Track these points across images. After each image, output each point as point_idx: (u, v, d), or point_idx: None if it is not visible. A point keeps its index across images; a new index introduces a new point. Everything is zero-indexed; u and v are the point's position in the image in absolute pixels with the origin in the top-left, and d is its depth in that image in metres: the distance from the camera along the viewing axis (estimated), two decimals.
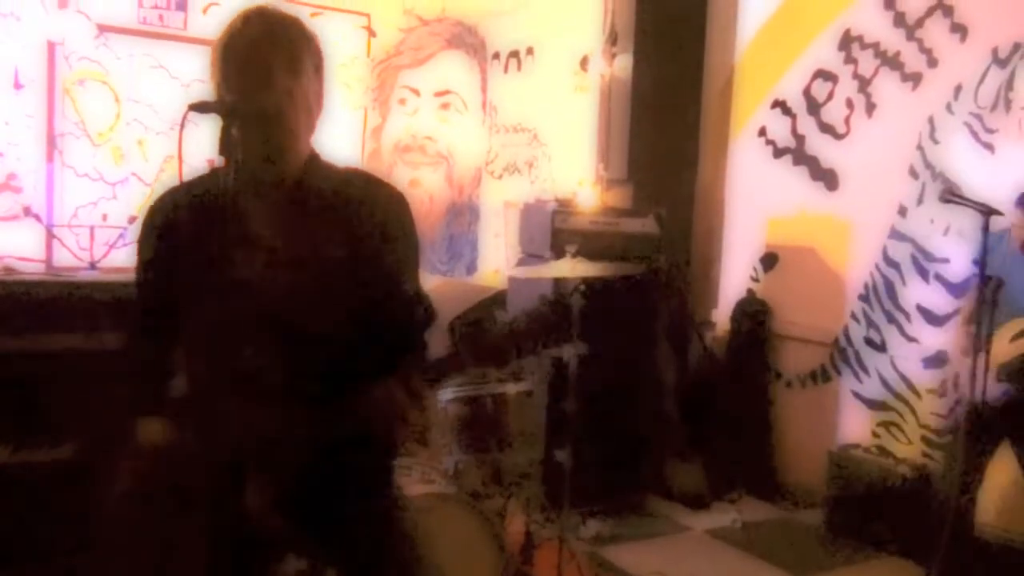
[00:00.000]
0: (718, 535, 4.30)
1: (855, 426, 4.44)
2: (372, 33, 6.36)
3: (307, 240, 1.64)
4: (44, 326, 3.14)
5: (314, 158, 1.73)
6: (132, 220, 5.37)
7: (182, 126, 1.46)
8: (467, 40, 6.70)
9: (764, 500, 4.67)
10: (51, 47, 5.22)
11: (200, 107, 1.49)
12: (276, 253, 1.64)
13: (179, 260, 1.66)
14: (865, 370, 4.41)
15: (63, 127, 5.28)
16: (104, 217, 5.38)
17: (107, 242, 5.33)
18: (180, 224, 1.68)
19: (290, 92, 1.64)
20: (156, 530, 1.56)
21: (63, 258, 5.03)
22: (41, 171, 5.24)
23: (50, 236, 5.10)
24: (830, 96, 4.60)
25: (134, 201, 5.46)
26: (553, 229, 4.37)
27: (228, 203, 1.56)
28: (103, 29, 5.35)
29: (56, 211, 5.27)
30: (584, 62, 5.60)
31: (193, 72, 5.64)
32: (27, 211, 5.08)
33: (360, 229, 1.68)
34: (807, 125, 4.73)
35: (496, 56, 6.64)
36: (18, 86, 5.15)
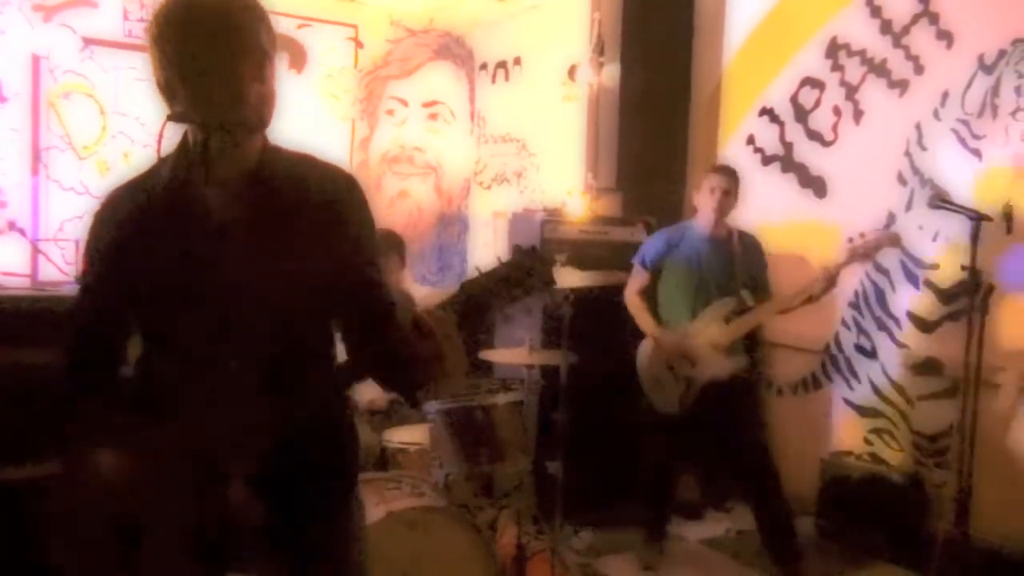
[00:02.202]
0: (711, 544, 4.28)
1: (847, 433, 4.43)
2: (359, 44, 6.36)
3: (267, 230, 1.60)
4: (29, 341, 3.10)
5: (268, 147, 1.66)
6: None
7: (160, 136, 1.43)
8: (455, 50, 6.71)
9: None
10: (36, 60, 5.20)
11: (178, 117, 1.47)
12: (237, 245, 1.58)
13: (134, 260, 1.62)
14: (856, 377, 4.40)
15: (48, 141, 5.26)
16: None
17: None
18: (134, 222, 1.63)
19: (260, 96, 1.56)
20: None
21: (49, 272, 4.99)
22: (26, 185, 5.21)
23: (35, 251, 5.07)
24: (817, 103, 4.61)
25: None
26: (542, 239, 4.36)
27: (183, 196, 1.56)
28: (88, 42, 5.33)
29: (41, 225, 5.23)
30: (572, 72, 5.60)
31: None
32: (12, 225, 5.03)
33: (317, 215, 1.63)
34: (795, 133, 4.73)
35: (484, 66, 6.64)
36: (2, 99, 5.12)
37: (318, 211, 1.63)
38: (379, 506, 2.78)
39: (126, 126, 5.47)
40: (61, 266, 4.98)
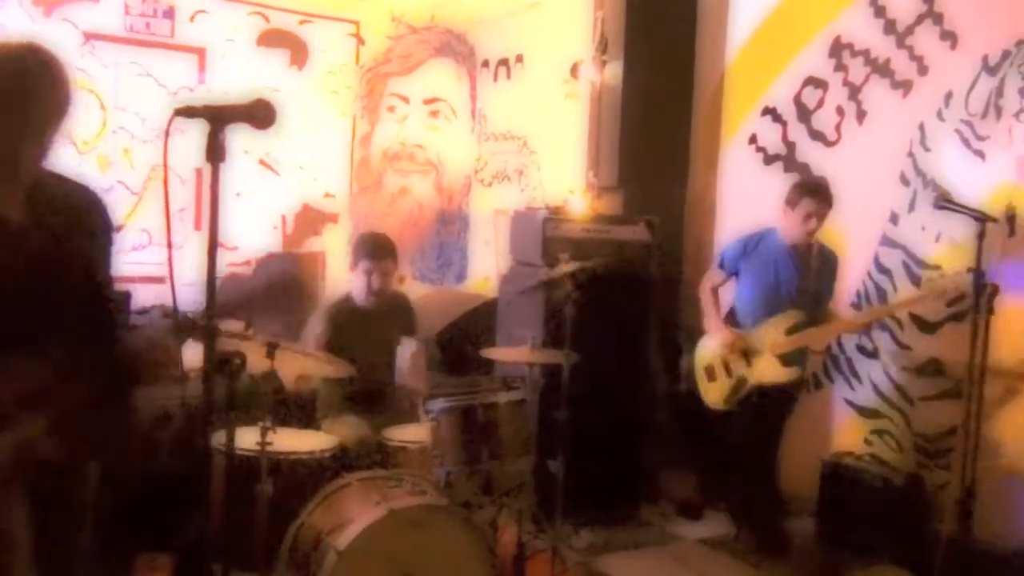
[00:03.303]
0: (711, 544, 4.27)
1: (848, 434, 4.42)
2: (361, 41, 6.34)
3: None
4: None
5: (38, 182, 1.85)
6: (118, 229, 5.32)
7: (167, 131, 1.42)
8: (456, 48, 6.69)
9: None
10: None
11: (186, 112, 1.46)
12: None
13: None
14: (858, 377, 4.39)
15: None
16: None
17: None
18: None
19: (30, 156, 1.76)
20: None
21: None
22: None
23: None
24: (820, 103, 4.60)
25: (120, 210, 5.41)
26: (544, 237, 4.34)
27: None
28: (89, 37, 5.32)
29: None
30: (574, 70, 5.59)
31: (180, 80, 5.61)
32: None
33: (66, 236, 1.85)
34: (797, 132, 4.72)
35: (485, 64, 6.63)
36: None
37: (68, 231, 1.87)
38: (380, 504, 2.77)
39: (126, 121, 5.45)
40: None
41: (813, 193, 3.86)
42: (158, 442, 3.72)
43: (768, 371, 3.88)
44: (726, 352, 3.95)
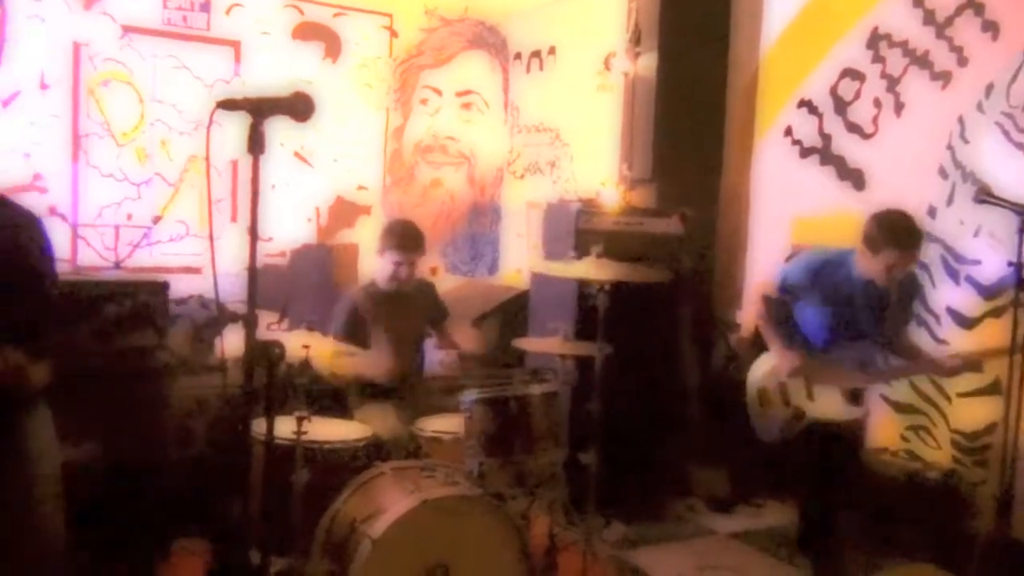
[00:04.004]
0: (742, 538, 4.25)
1: (884, 430, 4.38)
2: (394, 33, 6.37)
3: None
4: (69, 323, 3.15)
5: None
6: (156, 220, 5.41)
7: (210, 123, 1.44)
8: (489, 40, 6.69)
9: (789, 504, 4.61)
10: (76, 48, 5.27)
11: (228, 104, 1.48)
12: None
13: None
14: None
15: (88, 127, 5.33)
16: (128, 217, 5.42)
17: (131, 242, 5.38)
18: None
19: None
20: None
21: (88, 257, 5.07)
22: (66, 171, 5.28)
23: (75, 236, 5.14)
24: (857, 95, 4.54)
25: (158, 201, 5.49)
26: (577, 229, 4.34)
27: None
28: (127, 30, 5.39)
29: (81, 211, 5.31)
30: (607, 61, 5.57)
31: (216, 72, 5.67)
32: (52, 211, 5.12)
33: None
34: (834, 125, 4.67)
35: (518, 56, 6.62)
36: (44, 87, 5.19)
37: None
38: (414, 494, 2.80)
39: (164, 113, 5.53)
40: (100, 251, 5.05)
41: (899, 243, 3.28)
42: (194, 430, 3.78)
43: (832, 406, 3.45)
44: (787, 379, 3.53)
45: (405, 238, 3.82)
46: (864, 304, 3.45)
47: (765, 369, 3.64)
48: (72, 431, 2.95)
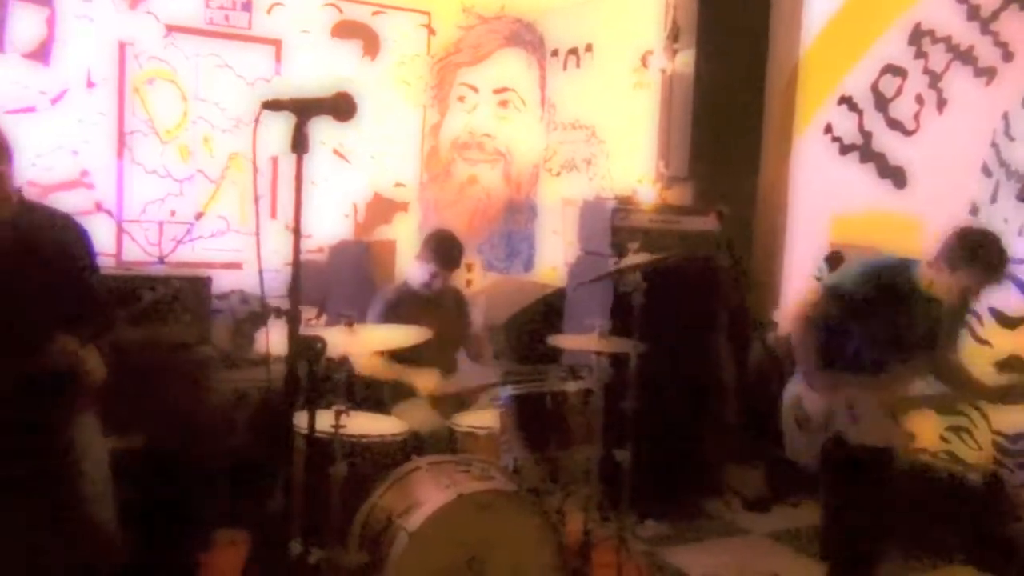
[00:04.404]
0: (779, 538, 4.23)
1: (924, 431, 4.32)
2: (432, 31, 6.40)
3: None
4: (116, 318, 3.22)
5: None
6: (199, 216, 5.51)
7: (256, 124, 1.48)
8: (526, 37, 6.71)
9: None
10: (122, 47, 5.37)
11: (273, 105, 1.51)
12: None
13: None
14: None
15: (133, 125, 5.44)
16: (172, 213, 5.52)
17: (174, 237, 5.49)
18: None
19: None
20: None
21: (133, 252, 5.18)
22: (112, 168, 5.40)
23: (120, 231, 5.25)
24: (899, 92, 4.49)
25: (200, 198, 5.58)
26: (613, 227, 4.35)
27: None
28: (171, 29, 5.48)
29: (126, 207, 5.42)
30: (645, 59, 5.55)
31: (257, 71, 5.75)
32: (98, 207, 5.23)
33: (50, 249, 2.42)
34: (874, 121, 4.62)
35: (555, 53, 6.63)
36: (90, 85, 5.31)
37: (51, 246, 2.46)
38: (450, 488, 2.83)
39: (206, 111, 5.62)
40: (144, 246, 5.15)
41: (986, 265, 2.98)
42: (236, 422, 3.85)
43: (877, 432, 3.12)
44: (832, 402, 3.17)
45: (445, 254, 3.86)
46: (922, 321, 3.14)
47: (802, 389, 3.28)
48: (118, 422, 3.03)
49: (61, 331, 2.36)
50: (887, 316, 3.13)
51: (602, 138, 6.11)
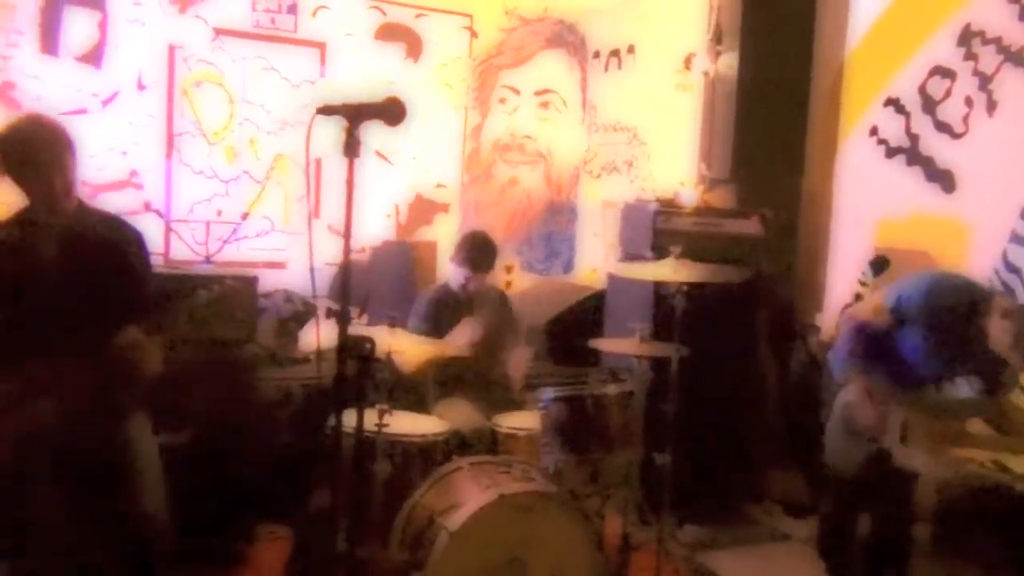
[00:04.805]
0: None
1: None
2: (474, 34, 6.44)
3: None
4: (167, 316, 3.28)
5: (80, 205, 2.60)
6: (245, 216, 5.60)
7: (310, 127, 1.51)
8: (567, 39, 6.71)
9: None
10: (171, 50, 5.48)
11: (326, 110, 1.55)
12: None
13: None
14: None
15: (181, 127, 5.54)
16: (218, 213, 5.62)
17: (220, 237, 5.58)
18: None
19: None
20: None
21: (180, 251, 5.28)
22: (160, 169, 5.51)
23: (168, 230, 5.35)
24: (948, 94, 4.41)
25: (246, 198, 5.68)
26: (655, 229, 4.33)
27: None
28: (219, 32, 5.58)
29: (174, 207, 5.53)
30: (688, 60, 5.53)
31: (302, 73, 5.83)
32: (147, 206, 5.35)
33: (101, 251, 2.57)
34: (922, 124, 4.54)
35: (596, 54, 6.62)
36: (141, 88, 5.42)
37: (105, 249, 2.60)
38: (491, 489, 2.85)
39: (252, 113, 5.71)
40: (191, 245, 5.25)
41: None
42: (280, 420, 3.91)
43: (924, 460, 3.10)
44: (880, 420, 3.12)
45: (476, 257, 3.92)
46: (980, 348, 3.05)
47: (853, 402, 3.23)
48: (167, 418, 3.10)
49: (121, 327, 2.46)
50: (949, 331, 3.06)
51: (643, 140, 6.09)
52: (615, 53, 6.41)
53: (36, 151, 2.47)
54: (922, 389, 3.12)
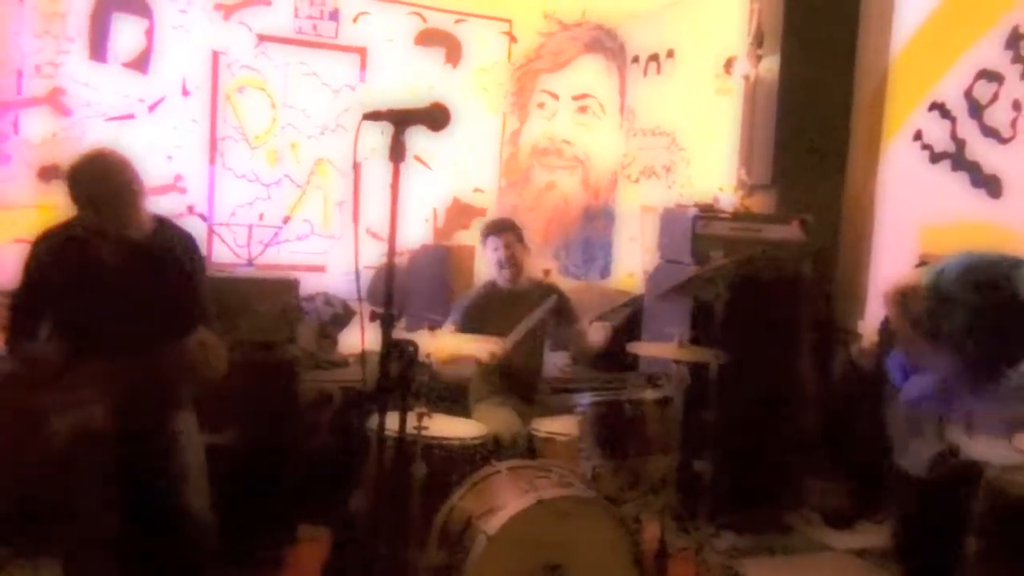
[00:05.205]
0: (861, 555, 4.12)
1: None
2: (513, 39, 6.46)
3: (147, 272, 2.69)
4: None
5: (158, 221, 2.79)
6: (286, 220, 5.67)
7: (357, 132, 1.53)
8: (606, 43, 6.71)
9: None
10: (215, 56, 5.57)
11: (373, 116, 1.57)
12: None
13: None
14: None
15: (224, 131, 5.63)
16: (260, 216, 5.70)
17: (262, 240, 5.65)
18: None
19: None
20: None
21: (223, 254, 5.34)
22: (204, 172, 5.60)
23: (211, 234, 5.43)
24: (995, 98, 4.34)
25: (287, 201, 5.75)
26: (694, 234, 4.31)
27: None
28: (262, 39, 5.66)
29: (217, 210, 5.61)
30: (728, 65, 5.49)
31: (343, 79, 5.89)
32: (191, 210, 5.41)
33: (172, 263, 2.76)
34: (968, 129, 4.47)
35: (635, 59, 6.61)
36: (185, 93, 5.52)
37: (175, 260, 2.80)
38: (529, 493, 2.85)
39: (294, 118, 5.78)
40: (234, 248, 5.31)
41: None
42: (320, 422, 3.95)
43: (992, 447, 2.97)
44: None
45: (495, 224, 4.02)
46: None
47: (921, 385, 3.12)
48: (212, 419, 3.14)
49: (188, 330, 2.64)
50: (991, 316, 2.98)
51: (682, 145, 6.06)
52: (654, 57, 6.40)
53: (104, 189, 2.60)
54: (981, 379, 3.03)
